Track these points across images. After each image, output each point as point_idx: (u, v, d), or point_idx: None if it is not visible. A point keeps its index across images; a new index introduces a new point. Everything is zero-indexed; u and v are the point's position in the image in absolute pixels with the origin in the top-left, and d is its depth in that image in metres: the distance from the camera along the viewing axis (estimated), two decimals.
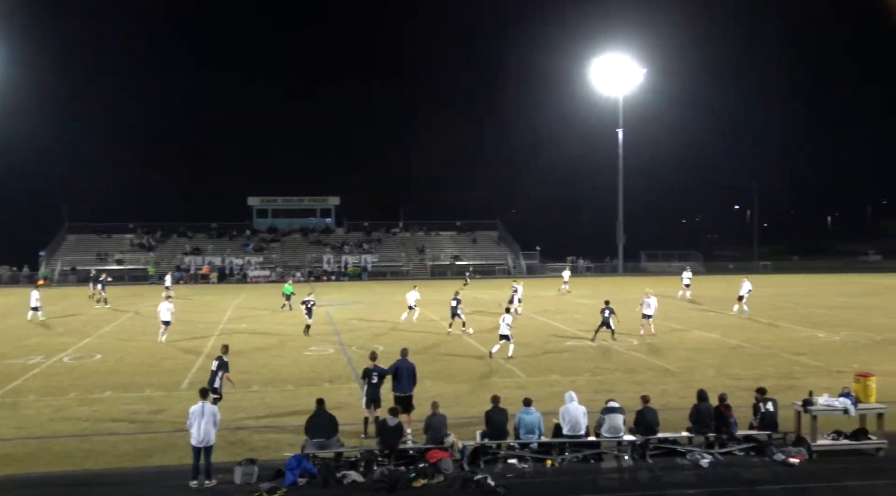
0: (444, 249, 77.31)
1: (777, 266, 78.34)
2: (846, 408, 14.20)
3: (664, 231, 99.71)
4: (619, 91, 71.40)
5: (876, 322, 31.98)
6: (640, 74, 70.67)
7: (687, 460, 13.72)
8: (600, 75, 71.10)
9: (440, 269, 72.29)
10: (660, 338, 27.96)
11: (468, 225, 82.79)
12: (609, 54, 70.45)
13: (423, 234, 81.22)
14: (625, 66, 69.84)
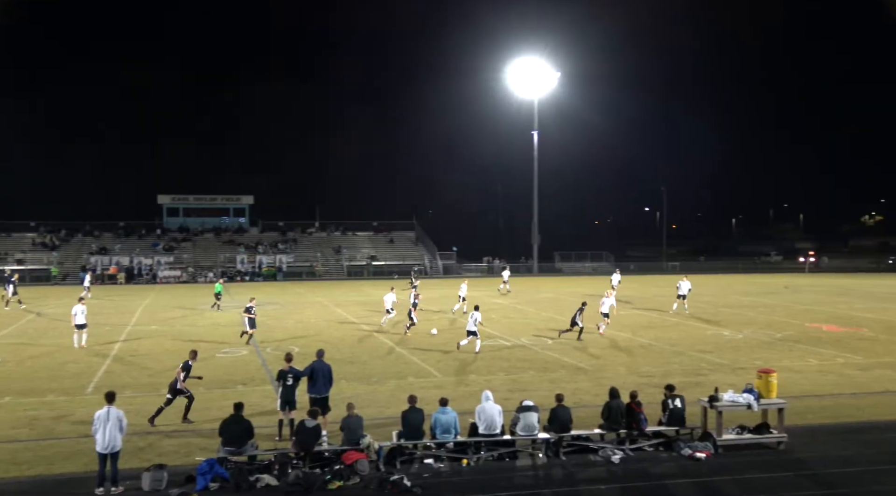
0: (360, 250, 76.93)
1: (684, 266, 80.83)
2: (749, 404, 14.73)
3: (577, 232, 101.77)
4: (535, 94, 72.43)
5: (777, 320, 33.32)
6: (555, 78, 71.86)
7: (599, 456, 13.99)
8: (516, 78, 71.99)
9: (356, 270, 71.90)
10: (572, 336, 28.44)
11: (385, 225, 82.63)
12: (525, 58, 71.44)
13: (339, 235, 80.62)
14: (540, 70, 70.90)
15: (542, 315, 35.98)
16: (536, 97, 72.69)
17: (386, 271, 71.37)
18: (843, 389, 19.43)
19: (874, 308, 38.57)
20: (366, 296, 47.06)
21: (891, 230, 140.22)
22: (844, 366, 22.52)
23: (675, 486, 12.57)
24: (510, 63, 72.41)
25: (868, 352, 24.99)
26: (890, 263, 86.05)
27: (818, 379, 20.70)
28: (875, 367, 22.27)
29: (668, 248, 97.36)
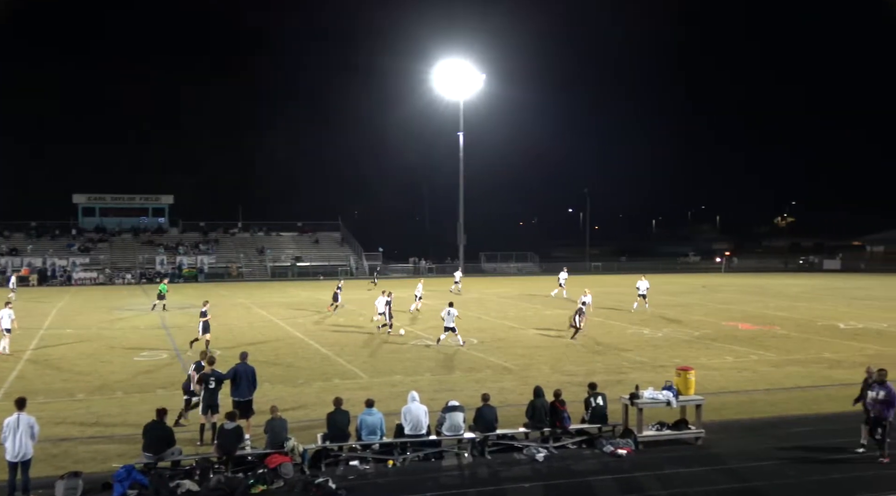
0: (284, 250, 75.98)
1: (606, 266, 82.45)
2: (669, 401, 15.10)
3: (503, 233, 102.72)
4: (460, 95, 72.75)
5: (694, 319, 34.25)
6: (481, 80, 72.30)
7: (524, 455, 14.14)
8: (442, 80, 72.15)
9: (281, 271, 70.97)
10: (498, 336, 28.70)
11: (310, 225, 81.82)
12: (451, 59, 71.65)
13: (263, 235, 79.45)
14: (465, 72, 71.22)
15: (468, 315, 36.14)
16: (462, 99, 73.02)
17: (311, 272, 70.69)
18: (756, 385, 20.10)
19: (786, 306, 40.02)
20: (290, 298, 46.52)
21: (801, 231, 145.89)
22: (758, 363, 23.29)
23: (598, 483, 12.79)
24: (436, 64, 72.57)
25: (780, 349, 25.92)
26: (800, 263, 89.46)
27: (734, 375, 21.36)
28: (787, 364, 23.11)
29: (591, 248, 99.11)
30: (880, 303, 41.78)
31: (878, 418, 13.63)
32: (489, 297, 45.70)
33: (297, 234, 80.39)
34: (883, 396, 13.58)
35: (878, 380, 13.87)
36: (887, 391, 13.61)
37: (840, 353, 24.89)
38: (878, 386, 13.77)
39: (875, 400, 13.69)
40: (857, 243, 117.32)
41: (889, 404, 13.54)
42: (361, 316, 36.18)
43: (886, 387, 13.67)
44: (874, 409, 13.68)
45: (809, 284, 57.29)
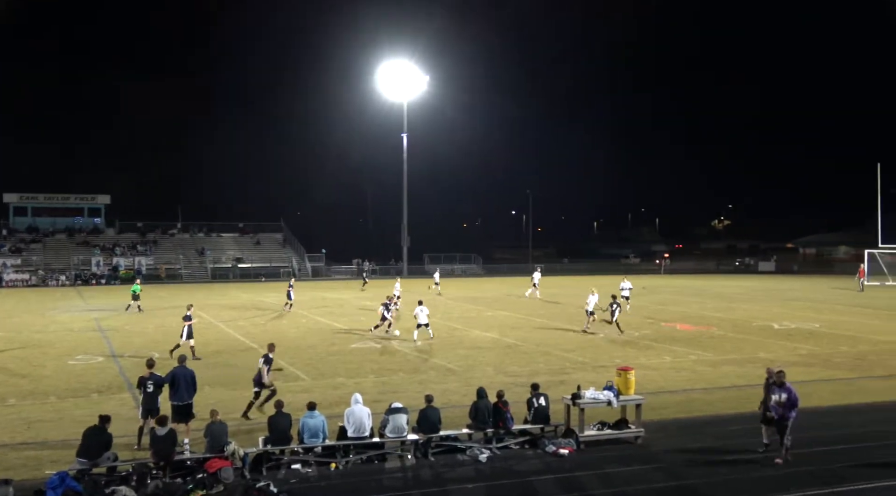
0: (225, 251, 74.90)
1: (549, 268, 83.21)
2: (609, 401, 15.31)
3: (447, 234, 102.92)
4: (404, 97, 72.75)
5: (635, 320, 34.76)
6: (425, 82, 72.43)
7: (467, 456, 14.18)
8: (386, 81, 72.08)
9: (221, 272, 69.93)
10: (442, 338, 28.75)
11: (251, 226, 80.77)
12: (394, 61, 71.62)
13: (202, 236, 78.17)
14: (409, 73, 71.28)
15: (412, 317, 36.11)
16: (406, 100, 73.04)
17: (252, 273, 69.80)
18: (694, 385, 20.51)
19: (723, 307, 40.93)
20: (232, 300, 45.87)
21: (737, 234, 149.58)
22: (696, 362, 23.77)
23: (540, 483, 12.90)
24: (380, 66, 72.47)
25: (717, 349, 26.50)
26: (736, 265, 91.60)
27: (672, 375, 21.77)
28: (723, 364, 23.63)
29: (534, 250, 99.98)
30: (812, 304, 43.03)
31: (780, 420, 13.68)
32: (433, 299, 45.73)
33: (238, 235, 79.31)
34: (784, 398, 13.67)
35: (779, 383, 13.92)
36: (788, 393, 13.70)
37: (774, 353, 25.55)
38: (779, 388, 13.83)
39: (777, 402, 13.72)
40: (791, 246, 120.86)
41: (791, 406, 13.64)
42: (304, 317, 35.89)
43: (787, 388, 13.75)
44: (776, 412, 13.76)
45: (745, 286, 58.69)
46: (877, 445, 14.73)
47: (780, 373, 14.16)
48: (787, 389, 13.76)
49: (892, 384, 20.73)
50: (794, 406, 13.69)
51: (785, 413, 13.67)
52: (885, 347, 26.89)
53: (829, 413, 17.53)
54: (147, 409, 14.44)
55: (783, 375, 14.04)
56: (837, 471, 13.07)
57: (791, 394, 13.69)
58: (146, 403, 14.47)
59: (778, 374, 14.10)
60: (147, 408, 14.45)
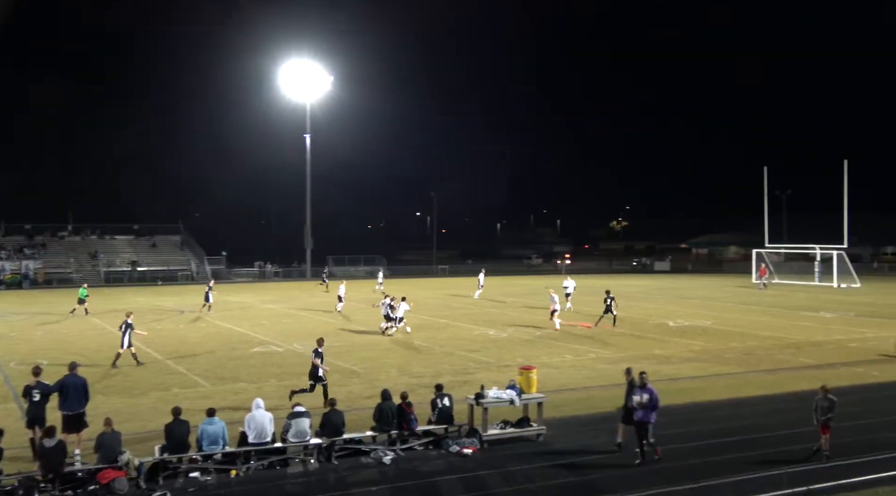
0: (120, 254, 72.21)
1: (453, 269, 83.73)
2: (512, 400, 15.52)
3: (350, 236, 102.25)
4: (307, 97, 71.88)
5: (537, 319, 35.33)
6: (328, 82, 71.75)
7: (371, 458, 14.12)
8: (289, 81, 71.05)
9: (116, 276, 67.43)
10: (345, 340, 28.53)
11: (147, 228, 78.11)
12: (297, 60, 70.67)
13: (95, 239, 75.13)
14: (313, 73, 70.46)
15: (316, 319, 35.76)
16: (309, 100, 72.18)
17: (149, 277, 67.58)
18: (594, 382, 21.00)
19: (621, 306, 41.92)
20: (126, 305, 44.26)
21: (635, 234, 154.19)
22: (596, 360, 24.35)
23: (444, 483, 12.96)
24: (283, 65, 71.37)
25: (616, 347, 27.21)
26: (634, 265, 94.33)
27: (573, 373, 22.23)
28: (622, 361, 24.23)
29: (438, 251, 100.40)
30: (704, 302, 44.72)
31: (641, 422, 13.76)
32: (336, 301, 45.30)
33: (133, 238, 76.57)
34: (646, 400, 13.74)
35: (641, 384, 14.00)
36: (650, 394, 13.78)
37: (669, 350, 26.43)
38: (641, 389, 13.90)
39: (639, 403, 13.79)
40: (684, 246, 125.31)
41: (653, 407, 13.75)
42: (203, 322, 35.00)
43: (649, 390, 13.84)
44: (637, 414, 13.79)
45: (642, 285, 60.48)
46: (761, 437, 15.42)
47: (642, 374, 14.26)
48: (649, 391, 13.84)
49: (778, 377, 21.76)
50: (656, 407, 13.81)
51: (646, 414, 13.74)
52: (771, 343, 28.20)
53: (720, 406, 18.25)
54: (32, 419, 13.76)
55: (646, 377, 14.18)
56: (728, 463, 13.61)
57: (653, 396, 13.81)
58: (31, 413, 13.79)
59: (640, 376, 14.20)
60: (32, 417, 13.77)
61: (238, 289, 56.95)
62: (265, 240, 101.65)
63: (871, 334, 30.48)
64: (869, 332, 31.00)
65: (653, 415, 13.77)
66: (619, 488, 12.22)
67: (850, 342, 28.35)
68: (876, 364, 23.72)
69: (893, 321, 34.91)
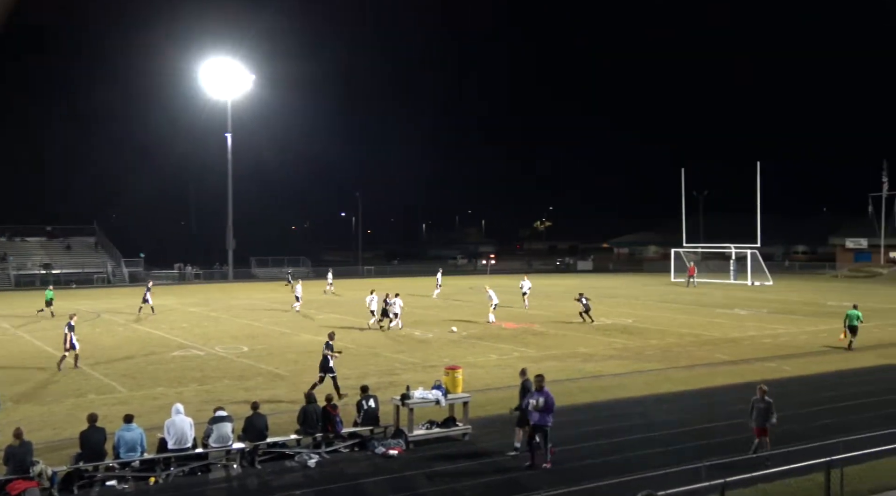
0: (31, 257, 69.52)
1: (378, 270, 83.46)
2: (438, 400, 15.55)
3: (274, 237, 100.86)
4: (228, 95, 70.55)
5: (462, 319, 35.49)
6: (250, 80, 70.57)
7: (295, 462, 13.95)
8: (209, 79, 69.59)
9: (27, 279, 64.89)
10: (270, 342, 28.13)
11: (61, 230, 75.42)
12: (218, 57, 69.28)
13: (5, 240, 72.14)
14: (234, 71, 69.17)
15: (238, 322, 35.13)
16: (230, 99, 70.85)
17: (63, 280, 65.25)
18: (517, 381, 21.11)
19: (545, 305, 42.58)
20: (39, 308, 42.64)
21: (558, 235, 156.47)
22: (520, 359, 24.57)
23: (370, 485, 12.89)
24: (203, 63, 69.86)
25: (539, 345, 27.55)
26: (557, 264, 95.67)
27: (498, 372, 22.40)
28: (545, 359, 24.60)
29: (364, 252, 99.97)
30: (626, 301, 45.68)
31: (538, 425, 13.58)
32: (260, 303, 44.68)
33: (45, 240, 73.81)
34: (542, 403, 13.54)
35: (538, 387, 13.79)
36: (546, 397, 13.59)
37: (592, 348, 26.89)
38: (538, 393, 13.68)
39: (535, 406, 13.58)
40: (606, 246, 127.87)
41: (548, 411, 13.56)
42: (121, 326, 34.00)
43: (545, 393, 13.64)
44: (533, 417, 13.60)
45: (565, 284, 61.36)
46: (681, 432, 15.84)
47: (538, 377, 14.09)
48: (545, 394, 13.68)
49: (696, 373, 22.38)
50: (551, 411, 13.63)
51: (542, 418, 13.57)
52: (689, 340, 28.99)
53: (641, 402, 18.66)
54: None
55: (542, 380, 13.98)
56: (649, 457, 13.92)
57: (548, 399, 13.64)
58: None
59: (537, 379, 14.08)
60: None
61: (157, 291, 55.33)
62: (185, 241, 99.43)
63: (783, 330, 31.65)
64: (781, 328, 32.17)
65: (549, 419, 13.61)
66: (543, 485, 12.35)
67: (764, 338, 29.37)
68: (788, 359, 24.62)
69: (804, 317, 36.32)
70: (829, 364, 23.70)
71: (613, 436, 15.57)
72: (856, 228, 78.95)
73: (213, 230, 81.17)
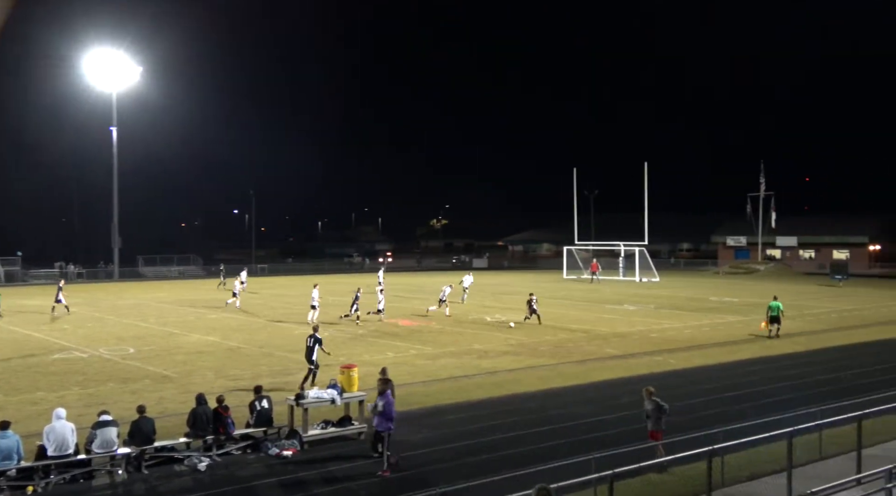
0: None
1: (273, 268, 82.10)
2: (333, 399, 15.41)
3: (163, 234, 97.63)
4: (114, 88, 67.80)
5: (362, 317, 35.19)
6: (137, 73, 68.03)
7: (185, 466, 13.54)
8: (93, 70, 66.67)
9: None
10: (158, 344, 27.22)
11: None
12: (103, 48, 66.46)
13: None
14: (120, 63, 66.51)
15: (124, 323, 33.83)
16: (115, 91, 68.09)
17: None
18: (415, 378, 21.23)
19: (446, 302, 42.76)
20: None
21: (454, 233, 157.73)
22: (416, 357, 24.65)
23: (263, 486, 12.65)
24: (87, 53, 66.85)
25: (436, 343, 27.68)
26: (453, 262, 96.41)
27: (394, 370, 22.17)
28: (442, 356, 24.74)
29: (258, 250, 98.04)
30: (521, 297, 46.30)
31: (377, 431, 13.40)
32: (148, 303, 43.16)
33: None
34: (381, 408, 13.38)
35: (381, 391, 13.70)
36: (386, 402, 13.40)
37: (487, 344, 27.21)
38: (379, 397, 13.59)
39: (374, 410, 13.49)
40: (501, 243, 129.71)
41: (387, 417, 13.33)
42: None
43: (386, 397, 13.48)
44: (374, 421, 13.47)
45: None
46: (572, 425, 16.22)
47: (382, 381, 13.92)
48: (386, 397, 13.45)
49: (587, 368, 22.98)
50: (391, 417, 13.34)
51: (381, 423, 13.30)
52: (581, 335, 29.73)
53: (535, 397, 19.01)
54: None
55: (385, 384, 13.83)
56: (543, 451, 14.17)
57: (388, 404, 13.39)
58: None
59: (380, 382, 13.84)
60: None
61: (36, 292, 52.70)
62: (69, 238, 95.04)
63: (668, 325, 32.87)
64: (667, 323, 33.41)
65: (389, 425, 13.29)
66: (438, 482, 12.40)
67: (651, 333, 30.42)
68: (674, 352, 25.58)
69: (689, 312, 37.82)
70: (711, 357, 24.76)
71: (509, 430, 15.79)
72: (736, 227, 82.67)
73: (98, 228, 77.79)
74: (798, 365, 23.45)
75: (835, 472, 12.13)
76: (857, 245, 76.79)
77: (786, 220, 76.10)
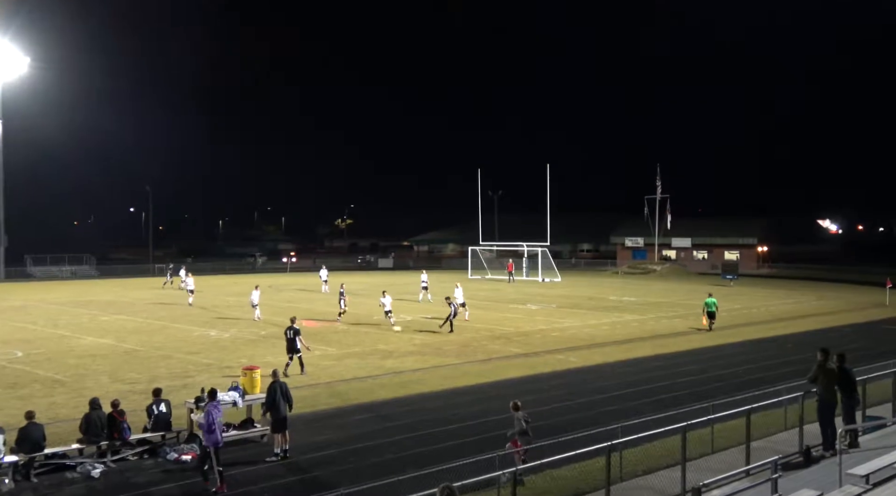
0: None
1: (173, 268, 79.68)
2: (235, 401, 15.12)
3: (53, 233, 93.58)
4: None
5: (262, 319, 34.61)
6: (25, 63, 64.87)
7: (77, 473, 13.04)
8: None
9: None
10: (48, 347, 26.09)
11: None
12: None
13: None
14: (5, 53, 63.27)
15: (11, 325, 32.27)
16: (1, 82, 64.75)
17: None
18: (319, 379, 21.04)
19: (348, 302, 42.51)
20: None
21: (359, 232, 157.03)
22: (321, 358, 24.40)
23: (160, 493, 12.32)
24: None
25: (341, 343, 27.48)
26: (358, 262, 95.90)
27: (298, 372, 22.07)
28: (346, 357, 24.60)
29: (156, 249, 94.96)
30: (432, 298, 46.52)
31: (203, 447, 12.66)
32: (36, 304, 41.27)
33: None
34: (201, 420, 12.72)
35: (204, 406, 12.90)
36: (207, 416, 12.47)
37: (392, 344, 27.19)
38: (204, 413, 12.62)
39: (197, 423, 12.94)
40: (406, 243, 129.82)
41: (208, 429, 12.38)
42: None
43: (208, 411, 12.55)
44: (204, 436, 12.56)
45: (367, 282, 61.61)
46: (476, 423, 16.39)
47: (210, 391, 13.10)
48: (208, 412, 12.50)
49: (491, 366, 23.26)
50: (210, 430, 12.35)
51: (208, 438, 12.35)
52: (485, 334, 30.06)
53: (439, 396, 19.12)
54: None
55: (211, 394, 13.00)
56: (447, 450, 14.26)
57: (209, 417, 12.41)
58: None
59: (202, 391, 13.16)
60: None
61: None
62: None
63: (569, 323, 33.60)
64: (567, 322, 34.14)
65: (214, 438, 12.33)
66: (341, 483, 12.33)
67: (553, 331, 31.03)
68: (574, 350, 26.17)
69: (589, 311, 38.75)
70: (610, 355, 25.44)
71: (413, 430, 15.83)
72: (634, 228, 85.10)
73: None
74: (695, 361, 24.35)
75: (726, 465, 12.66)
76: (746, 246, 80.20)
77: (680, 221, 78.78)
